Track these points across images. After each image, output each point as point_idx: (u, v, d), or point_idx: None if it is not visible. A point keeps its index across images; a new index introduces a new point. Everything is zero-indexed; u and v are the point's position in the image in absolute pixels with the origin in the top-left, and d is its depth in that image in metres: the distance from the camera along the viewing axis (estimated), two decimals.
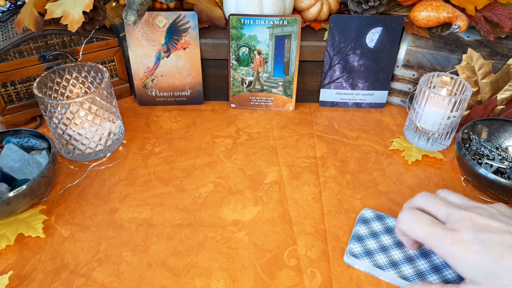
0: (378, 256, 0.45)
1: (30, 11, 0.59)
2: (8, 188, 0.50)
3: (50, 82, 0.61)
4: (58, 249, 0.48)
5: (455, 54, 0.65)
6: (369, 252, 0.45)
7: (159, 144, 0.64)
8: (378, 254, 0.45)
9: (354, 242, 0.46)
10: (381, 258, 0.45)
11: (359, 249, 0.46)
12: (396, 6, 0.71)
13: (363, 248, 0.46)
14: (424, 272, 0.43)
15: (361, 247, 0.46)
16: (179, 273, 0.46)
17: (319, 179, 0.58)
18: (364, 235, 0.47)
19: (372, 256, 0.45)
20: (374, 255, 0.45)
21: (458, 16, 0.63)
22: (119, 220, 0.52)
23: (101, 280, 0.45)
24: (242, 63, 0.68)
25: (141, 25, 0.65)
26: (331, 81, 0.71)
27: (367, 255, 0.45)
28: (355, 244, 0.46)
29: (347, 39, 0.66)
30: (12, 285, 0.45)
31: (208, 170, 0.60)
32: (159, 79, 0.70)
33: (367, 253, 0.45)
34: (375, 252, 0.45)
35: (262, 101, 0.72)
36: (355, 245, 0.46)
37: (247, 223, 0.52)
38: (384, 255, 0.45)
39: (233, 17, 0.64)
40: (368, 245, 0.46)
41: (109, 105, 0.59)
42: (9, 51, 0.61)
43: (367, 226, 0.48)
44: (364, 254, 0.45)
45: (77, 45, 0.66)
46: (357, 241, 0.46)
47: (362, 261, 0.44)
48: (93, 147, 0.60)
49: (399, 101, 0.73)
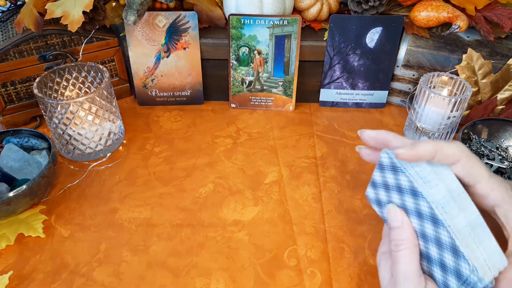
0: None
1: (30, 11, 0.59)
2: (8, 188, 0.50)
3: (50, 82, 0.61)
4: (58, 249, 0.48)
5: (455, 54, 0.65)
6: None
7: (159, 144, 0.64)
8: None
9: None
10: None
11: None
12: (396, 6, 0.71)
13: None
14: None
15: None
16: (179, 273, 0.46)
17: (319, 179, 0.58)
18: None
19: None
20: None
21: (458, 16, 0.63)
22: (119, 220, 0.52)
23: (101, 280, 0.45)
24: (242, 63, 0.68)
25: (141, 25, 0.65)
26: (331, 81, 0.71)
27: None
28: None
29: (347, 39, 0.66)
30: (12, 285, 0.45)
31: (208, 170, 0.60)
32: (159, 79, 0.70)
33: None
34: None
35: (262, 101, 0.72)
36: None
37: (247, 223, 0.52)
38: None
39: (233, 17, 0.64)
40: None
41: (109, 105, 0.59)
42: (9, 51, 0.61)
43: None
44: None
45: (77, 45, 0.66)
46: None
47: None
48: (93, 147, 0.60)
49: (399, 101, 0.73)
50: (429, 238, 0.35)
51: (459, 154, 0.34)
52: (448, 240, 0.33)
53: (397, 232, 0.36)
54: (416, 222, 0.36)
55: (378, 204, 0.40)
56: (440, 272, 0.34)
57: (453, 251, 0.33)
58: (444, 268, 0.34)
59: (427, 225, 0.35)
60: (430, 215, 0.34)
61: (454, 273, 0.33)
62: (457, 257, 0.32)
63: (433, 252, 0.35)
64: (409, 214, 0.36)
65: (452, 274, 0.33)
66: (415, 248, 0.35)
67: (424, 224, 0.35)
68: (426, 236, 0.35)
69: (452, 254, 0.33)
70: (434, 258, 0.35)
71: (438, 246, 0.34)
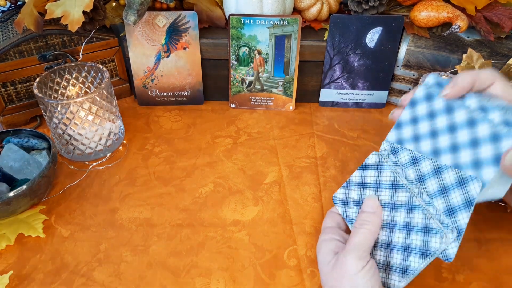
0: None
1: (30, 11, 0.59)
2: (8, 188, 0.50)
3: (50, 82, 0.61)
4: (58, 249, 0.48)
5: (455, 54, 0.65)
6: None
7: (159, 144, 0.64)
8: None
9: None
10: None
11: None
12: (396, 6, 0.71)
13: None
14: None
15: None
16: (179, 273, 0.46)
17: (319, 179, 0.58)
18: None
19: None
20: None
21: (458, 16, 0.63)
22: (119, 220, 0.52)
23: (101, 280, 0.45)
24: (242, 63, 0.68)
25: (141, 25, 0.65)
26: (331, 81, 0.71)
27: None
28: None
29: (347, 39, 0.66)
30: (12, 285, 0.45)
31: (208, 170, 0.60)
32: (159, 79, 0.70)
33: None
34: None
35: (262, 101, 0.72)
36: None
37: (247, 223, 0.52)
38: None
39: (233, 17, 0.64)
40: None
41: (109, 105, 0.59)
42: (9, 51, 0.61)
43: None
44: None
45: (77, 45, 0.66)
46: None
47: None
48: (93, 147, 0.60)
49: (399, 101, 0.73)
50: (398, 206, 0.40)
51: (493, 77, 0.38)
52: (421, 222, 0.38)
53: (367, 215, 0.41)
54: (388, 214, 0.41)
55: (345, 204, 0.45)
56: (401, 256, 0.39)
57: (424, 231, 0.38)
58: (408, 251, 0.38)
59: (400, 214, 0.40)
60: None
61: (419, 251, 0.37)
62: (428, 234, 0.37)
63: (397, 239, 0.39)
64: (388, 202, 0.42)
65: (416, 254, 0.38)
66: (374, 233, 0.40)
67: (396, 214, 0.40)
68: (395, 204, 0.40)
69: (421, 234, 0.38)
70: (397, 244, 0.39)
71: (407, 231, 0.39)
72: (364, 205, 0.42)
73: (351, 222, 0.44)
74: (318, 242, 0.43)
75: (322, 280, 0.40)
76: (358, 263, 0.37)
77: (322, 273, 0.40)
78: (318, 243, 0.43)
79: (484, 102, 0.37)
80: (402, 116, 0.44)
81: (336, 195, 0.46)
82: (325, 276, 0.39)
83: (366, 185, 0.44)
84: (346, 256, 0.37)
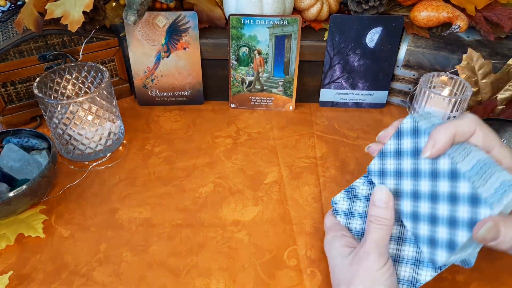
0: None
1: (30, 11, 0.59)
2: (8, 188, 0.50)
3: (50, 82, 0.61)
4: (58, 249, 0.48)
5: (455, 54, 0.65)
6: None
7: (159, 144, 0.64)
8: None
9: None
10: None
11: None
12: (396, 6, 0.71)
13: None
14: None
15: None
16: (179, 273, 0.46)
17: (319, 179, 0.58)
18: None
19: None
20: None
21: (458, 16, 0.63)
22: (119, 220, 0.52)
23: (101, 280, 0.45)
24: (242, 63, 0.68)
25: (141, 25, 0.65)
26: (331, 81, 0.71)
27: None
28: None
29: (347, 39, 0.66)
30: (12, 285, 0.45)
31: (208, 170, 0.60)
32: (159, 79, 0.70)
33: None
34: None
35: (262, 101, 0.72)
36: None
37: (247, 223, 0.52)
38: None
39: (233, 17, 0.64)
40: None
41: (109, 105, 0.59)
42: (9, 51, 0.61)
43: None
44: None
45: (77, 45, 0.66)
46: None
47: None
48: (93, 147, 0.60)
49: (399, 101, 0.73)
50: (421, 217, 0.39)
51: (474, 126, 0.36)
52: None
53: (381, 211, 0.40)
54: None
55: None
56: (412, 248, 0.39)
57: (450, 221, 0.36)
58: (433, 243, 0.37)
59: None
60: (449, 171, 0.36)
61: (446, 243, 0.36)
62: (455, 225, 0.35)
63: (409, 232, 0.40)
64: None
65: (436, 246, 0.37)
66: (391, 228, 0.39)
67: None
68: (418, 215, 0.39)
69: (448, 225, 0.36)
70: (410, 237, 0.40)
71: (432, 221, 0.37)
72: (375, 199, 0.40)
73: (357, 234, 0.43)
74: (327, 238, 0.43)
75: (335, 274, 0.40)
76: (380, 260, 0.37)
77: (337, 267, 0.40)
78: (327, 239, 0.43)
79: (459, 162, 0.35)
80: (387, 146, 0.43)
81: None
82: (341, 271, 0.39)
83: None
84: (369, 253, 0.37)
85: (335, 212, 0.46)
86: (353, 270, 0.38)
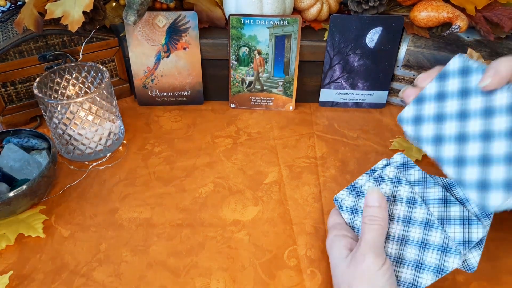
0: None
1: (30, 11, 0.59)
2: (8, 188, 0.50)
3: (50, 82, 0.61)
4: (58, 249, 0.48)
5: (455, 54, 0.64)
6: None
7: (159, 144, 0.64)
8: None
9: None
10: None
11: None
12: (396, 6, 0.71)
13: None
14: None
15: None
16: (179, 273, 0.46)
17: (319, 179, 0.58)
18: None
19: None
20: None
21: (458, 16, 0.63)
22: (119, 220, 0.52)
23: (101, 280, 0.45)
24: (242, 63, 0.68)
25: (141, 25, 0.65)
26: (331, 81, 0.71)
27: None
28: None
29: (347, 39, 0.66)
30: (12, 285, 0.45)
31: (208, 170, 0.60)
32: (159, 79, 0.70)
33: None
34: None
35: (262, 101, 0.72)
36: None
37: (247, 223, 0.52)
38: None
39: (233, 17, 0.64)
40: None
41: (109, 105, 0.59)
42: (9, 51, 0.61)
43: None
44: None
45: (77, 45, 0.66)
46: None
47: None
48: (93, 147, 0.60)
49: (399, 101, 0.73)
50: (414, 222, 0.39)
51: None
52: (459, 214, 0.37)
53: (374, 210, 0.40)
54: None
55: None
56: (416, 251, 0.39)
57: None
58: (426, 246, 0.38)
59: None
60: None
61: (440, 248, 0.38)
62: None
63: (414, 234, 0.40)
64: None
65: (435, 250, 0.38)
66: (385, 227, 0.40)
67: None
68: (412, 220, 0.40)
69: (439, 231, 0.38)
70: (413, 239, 0.39)
71: (425, 227, 0.39)
72: (368, 199, 0.41)
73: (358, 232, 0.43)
74: (329, 238, 0.43)
75: (336, 276, 0.40)
76: (378, 261, 0.37)
77: (337, 269, 0.40)
78: (329, 239, 0.43)
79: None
80: (427, 89, 0.39)
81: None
82: (341, 273, 0.39)
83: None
84: (365, 255, 0.37)
85: (340, 208, 0.46)
86: (351, 273, 0.38)
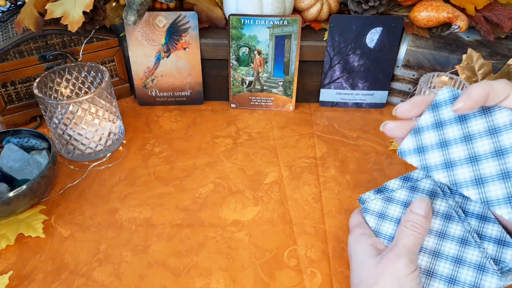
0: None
1: (30, 11, 0.59)
2: (8, 188, 0.50)
3: (50, 82, 0.61)
4: (58, 249, 0.48)
5: (455, 54, 0.65)
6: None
7: (159, 144, 0.64)
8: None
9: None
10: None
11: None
12: (396, 6, 0.71)
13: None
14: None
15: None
16: (179, 273, 0.46)
17: (319, 179, 0.58)
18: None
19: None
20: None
21: (458, 16, 0.63)
22: (119, 220, 0.52)
23: (101, 280, 0.45)
24: (242, 63, 0.68)
25: (141, 25, 0.65)
26: (331, 81, 0.71)
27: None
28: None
29: (347, 39, 0.66)
30: (12, 285, 0.45)
31: (208, 170, 0.60)
32: (159, 79, 0.70)
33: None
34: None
35: (262, 101, 0.72)
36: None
37: (247, 223, 0.52)
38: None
39: (233, 17, 0.64)
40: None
41: (109, 105, 0.59)
42: (9, 51, 0.61)
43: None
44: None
45: (77, 45, 0.66)
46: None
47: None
48: (93, 147, 0.60)
49: (399, 101, 0.73)
50: (450, 237, 0.39)
51: (509, 89, 0.35)
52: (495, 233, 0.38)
53: (419, 218, 0.39)
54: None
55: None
56: (450, 266, 0.38)
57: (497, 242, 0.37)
58: (461, 263, 0.38)
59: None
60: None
61: (476, 266, 0.37)
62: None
63: (448, 249, 0.39)
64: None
65: (471, 268, 0.37)
66: (423, 238, 0.39)
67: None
68: (447, 234, 0.39)
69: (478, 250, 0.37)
70: (447, 254, 0.39)
71: (462, 244, 0.38)
72: (416, 206, 0.40)
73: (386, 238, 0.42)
74: (352, 236, 0.42)
75: (358, 273, 0.40)
76: (410, 266, 0.36)
77: (362, 266, 0.39)
78: (353, 237, 0.42)
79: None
80: (422, 121, 0.39)
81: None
82: (366, 269, 0.39)
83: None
84: (399, 257, 0.37)
85: (365, 210, 0.43)
86: (379, 272, 0.37)
